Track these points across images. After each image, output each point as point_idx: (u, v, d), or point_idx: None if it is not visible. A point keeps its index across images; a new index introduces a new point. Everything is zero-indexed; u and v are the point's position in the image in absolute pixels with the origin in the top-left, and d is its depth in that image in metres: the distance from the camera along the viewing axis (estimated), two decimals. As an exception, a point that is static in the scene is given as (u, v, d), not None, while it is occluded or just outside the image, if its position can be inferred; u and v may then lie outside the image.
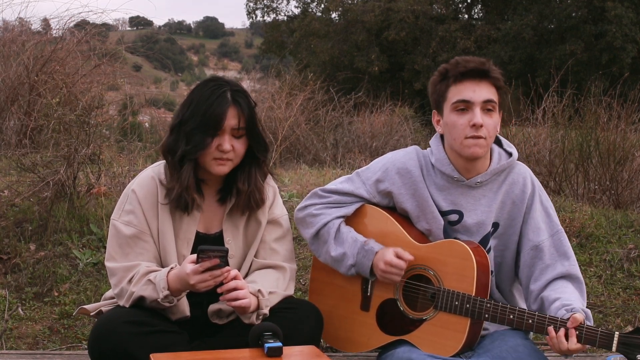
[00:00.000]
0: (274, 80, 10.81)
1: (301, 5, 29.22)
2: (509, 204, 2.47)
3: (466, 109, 2.38)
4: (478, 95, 2.38)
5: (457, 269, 2.37)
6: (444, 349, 2.32)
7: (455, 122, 2.40)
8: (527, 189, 2.49)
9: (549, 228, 2.47)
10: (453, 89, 2.40)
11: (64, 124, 4.65)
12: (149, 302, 2.31)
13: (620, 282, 4.11)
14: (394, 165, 2.54)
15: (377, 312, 2.51)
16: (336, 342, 2.59)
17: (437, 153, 2.50)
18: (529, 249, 2.45)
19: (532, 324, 2.26)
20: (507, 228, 2.49)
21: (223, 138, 2.38)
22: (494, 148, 2.51)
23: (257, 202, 2.49)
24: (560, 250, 2.45)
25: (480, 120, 2.36)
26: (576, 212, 4.70)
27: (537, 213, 2.47)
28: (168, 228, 2.42)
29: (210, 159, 2.40)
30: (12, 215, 4.40)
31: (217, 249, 2.24)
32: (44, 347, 3.53)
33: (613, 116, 5.94)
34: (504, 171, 2.50)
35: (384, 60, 23.75)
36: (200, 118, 2.37)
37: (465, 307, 2.32)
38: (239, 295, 2.28)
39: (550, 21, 22.47)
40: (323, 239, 2.55)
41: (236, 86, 2.44)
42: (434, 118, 2.53)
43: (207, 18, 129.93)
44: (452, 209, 2.47)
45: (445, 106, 2.43)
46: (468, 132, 2.37)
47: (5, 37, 7.35)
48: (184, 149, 2.38)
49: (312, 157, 8.28)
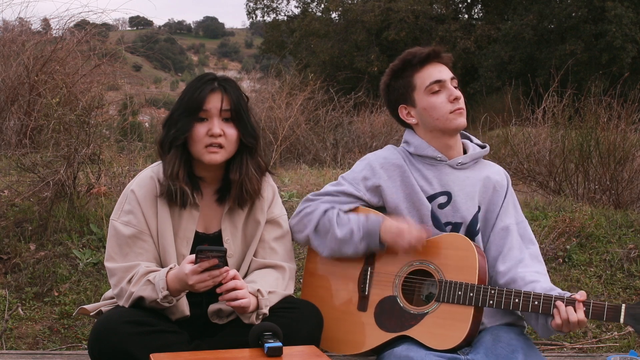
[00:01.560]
0: (274, 80, 10.81)
1: (301, 5, 29.25)
2: (490, 189, 2.57)
3: (440, 89, 2.52)
4: (445, 74, 2.53)
5: (459, 260, 2.39)
6: (447, 340, 2.32)
7: (435, 103, 2.51)
8: (504, 180, 2.62)
9: (516, 215, 2.59)
10: (419, 75, 2.53)
11: (64, 123, 4.65)
12: (148, 302, 2.31)
13: (620, 282, 4.11)
14: (376, 161, 2.60)
15: (375, 311, 2.51)
16: (334, 346, 2.57)
17: (414, 141, 2.59)
18: (500, 230, 2.54)
19: (538, 305, 2.29)
20: (486, 212, 2.57)
21: (212, 122, 2.39)
22: (467, 143, 2.65)
23: (249, 192, 2.47)
24: (525, 236, 2.56)
25: (459, 93, 2.53)
26: (576, 212, 4.70)
27: (510, 200, 2.60)
28: (167, 227, 2.42)
29: (202, 147, 2.39)
30: (12, 215, 4.40)
31: (216, 249, 2.23)
32: (44, 347, 3.53)
33: (613, 116, 5.94)
34: (480, 161, 2.63)
35: (383, 60, 23.74)
36: (185, 104, 2.40)
37: (469, 296, 2.33)
38: (238, 295, 2.27)
39: (550, 21, 22.48)
40: (325, 229, 2.55)
41: (224, 76, 2.48)
42: (402, 112, 2.60)
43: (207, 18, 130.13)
44: (440, 191, 2.53)
45: (417, 93, 2.54)
46: (450, 107, 2.50)
47: (5, 37, 7.34)
48: (169, 135, 2.41)
49: (312, 157, 8.28)
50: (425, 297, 2.45)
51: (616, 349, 3.56)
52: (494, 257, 2.52)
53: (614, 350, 3.54)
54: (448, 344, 2.31)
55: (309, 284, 2.67)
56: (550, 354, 3.35)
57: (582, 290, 2.37)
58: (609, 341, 3.70)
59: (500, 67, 22.39)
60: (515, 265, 2.46)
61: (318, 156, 8.26)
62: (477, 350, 2.32)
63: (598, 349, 3.63)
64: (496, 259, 2.51)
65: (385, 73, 2.63)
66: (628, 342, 3.64)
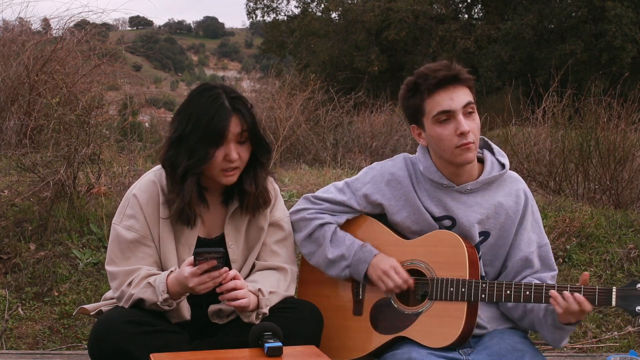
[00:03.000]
0: (274, 80, 10.81)
1: (301, 5, 29.25)
2: (503, 215, 2.46)
3: (448, 118, 2.33)
4: (457, 102, 2.33)
5: (448, 256, 2.38)
6: (442, 337, 2.32)
7: (441, 134, 2.35)
8: (520, 201, 2.48)
9: (539, 239, 2.49)
10: (429, 102, 2.35)
11: (64, 123, 4.65)
12: (148, 305, 2.31)
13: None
14: (382, 177, 2.53)
15: (370, 314, 2.51)
16: (333, 353, 2.55)
17: (424, 162, 2.48)
18: (519, 259, 2.46)
19: (529, 295, 2.28)
20: (498, 239, 2.47)
21: (229, 147, 2.35)
22: (487, 156, 2.50)
23: (265, 201, 2.49)
24: (545, 262, 2.48)
25: (467, 127, 2.32)
26: (576, 212, 4.70)
27: (529, 224, 2.48)
28: (169, 233, 2.42)
29: (218, 170, 2.38)
30: (12, 215, 4.40)
31: (213, 251, 2.23)
32: (44, 347, 3.53)
33: (613, 116, 5.94)
34: (496, 181, 2.49)
35: (383, 60, 23.75)
36: (203, 131, 2.33)
37: (461, 291, 2.33)
38: (238, 295, 2.27)
39: (550, 21, 22.48)
40: (318, 242, 2.55)
41: (232, 92, 2.41)
42: (414, 132, 2.48)
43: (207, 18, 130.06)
44: (444, 215, 2.47)
45: (426, 120, 2.38)
46: (457, 142, 2.33)
47: (5, 37, 7.34)
48: (187, 164, 2.34)
49: (312, 157, 8.29)
50: (420, 296, 2.45)
51: (616, 349, 3.56)
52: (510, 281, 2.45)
53: (614, 350, 3.54)
54: (445, 342, 2.31)
55: (304, 292, 2.67)
56: (550, 353, 3.35)
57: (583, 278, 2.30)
58: (609, 341, 3.70)
59: (500, 67, 22.39)
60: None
61: (318, 156, 8.27)
62: (480, 351, 2.32)
63: (598, 349, 3.63)
64: None
65: (403, 85, 2.45)
66: (628, 342, 3.64)
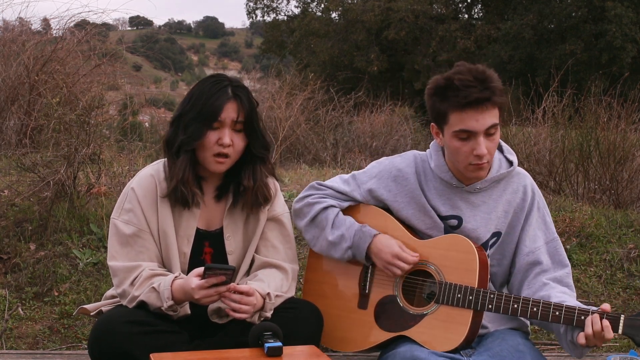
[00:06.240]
0: (274, 80, 10.81)
1: (301, 5, 29.22)
2: (511, 213, 2.47)
3: (468, 137, 2.31)
4: (481, 124, 2.28)
5: (460, 262, 2.38)
6: (444, 342, 2.32)
7: (458, 149, 2.34)
8: (527, 197, 2.48)
9: (545, 235, 2.47)
10: (454, 116, 2.30)
11: (64, 123, 4.65)
12: (152, 308, 2.32)
13: (620, 282, 4.11)
14: (389, 172, 2.53)
15: (375, 309, 2.51)
16: (333, 343, 2.58)
17: (437, 159, 2.48)
18: (525, 255, 2.45)
19: (537, 312, 2.27)
20: (505, 236, 2.48)
21: (223, 132, 2.39)
22: (495, 154, 2.49)
23: (265, 197, 2.50)
24: (555, 258, 2.45)
25: (485, 151, 2.31)
26: (576, 211, 4.70)
27: (534, 220, 2.47)
28: (168, 225, 2.42)
29: (210, 154, 2.40)
30: (12, 215, 4.40)
31: (224, 267, 2.26)
32: (44, 347, 3.53)
33: (613, 116, 5.94)
34: (504, 179, 2.49)
35: (383, 60, 23.74)
36: (199, 109, 2.38)
37: (468, 299, 2.32)
38: (242, 309, 2.28)
39: (550, 21, 22.47)
40: (321, 225, 2.55)
41: (237, 82, 2.46)
42: (433, 130, 2.46)
43: (207, 18, 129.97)
44: (451, 214, 2.47)
45: (447, 129, 2.35)
46: (472, 160, 2.34)
47: (5, 37, 7.35)
48: (180, 139, 2.39)
49: (312, 157, 8.29)
50: (427, 295, 2.44)
51: (616, 349, 3.55)
52: (520, 282, 2.46)
53: (614, 350, 3.54)
54: (446, 346, 2.31)
55: (311, 279, 2.68)
56: (550, 353, 3.34)
57: (594, 301, 2.31)
58: (609, 341, 3.70)
59: (500, 67, 22.35)
60: (539, 289, 2.39)
61: (318, 156, 8.27)
62: (482, 353, 2.32)
63: (598, 349, 3.63)
64: (522, 284, 2.45)
65: (431, 81, 2.39)
66: (628, 342, 3.64)
